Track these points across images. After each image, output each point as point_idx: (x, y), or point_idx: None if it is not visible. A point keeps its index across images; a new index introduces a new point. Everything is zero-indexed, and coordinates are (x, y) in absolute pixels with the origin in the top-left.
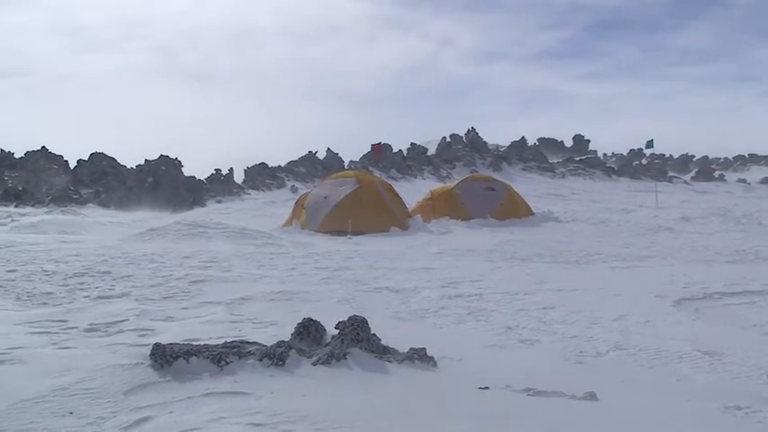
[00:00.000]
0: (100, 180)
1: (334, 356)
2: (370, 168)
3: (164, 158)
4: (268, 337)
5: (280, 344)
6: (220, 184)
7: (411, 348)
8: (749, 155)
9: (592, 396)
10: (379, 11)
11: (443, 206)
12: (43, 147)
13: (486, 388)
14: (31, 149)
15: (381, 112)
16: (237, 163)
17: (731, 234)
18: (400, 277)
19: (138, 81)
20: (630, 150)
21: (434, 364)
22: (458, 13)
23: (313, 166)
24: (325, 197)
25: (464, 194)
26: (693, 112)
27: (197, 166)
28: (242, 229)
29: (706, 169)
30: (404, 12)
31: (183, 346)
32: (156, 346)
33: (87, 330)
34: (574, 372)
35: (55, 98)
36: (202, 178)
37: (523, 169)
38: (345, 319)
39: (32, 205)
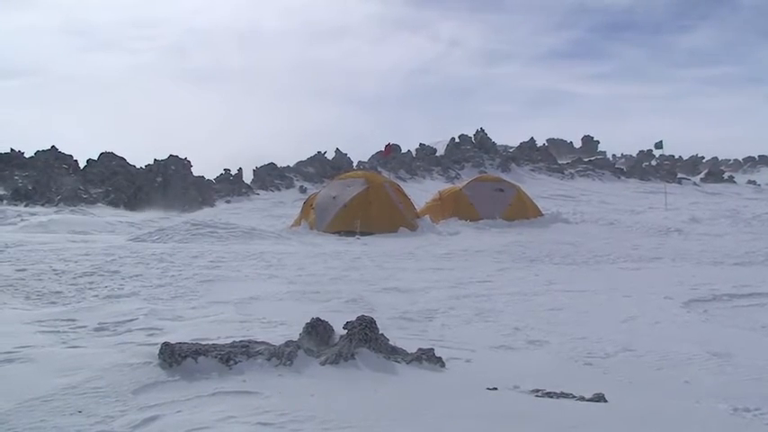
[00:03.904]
0: (109, 180)
1: (342, 356)
2: (379, 169)
3: (173, 158)
4: (276, 337)
5: (288, 344)
6: (229, 184)
7: (419, 349)
8: (759, 156)
9: (600, 397)
10: (387, 11)
11: (452, 207)
12: (53, 146)
13: (495, 389)
14: (40, 149)
15: (390, 113)
16: (246, 163)
17: (741, 236)
18: (408, 278)
19: (147, 81)
20: (640, 151)
21: (442, 365)
22: (466, 14)
23: (322, 167)
24: (334, 197)
25: (473, 195)
26: (703, 114)
27: (206, 166)
28: (251, 229)
29: (715, 171)
30: (412, 12)
31: (192, 346)
32: (165, 345)
33: (96, 329)
34: (582, 373)
35: (65, 98)
36: (211, 178)
37: (532, 170)
38: (354, 319)
39: (42, 205)
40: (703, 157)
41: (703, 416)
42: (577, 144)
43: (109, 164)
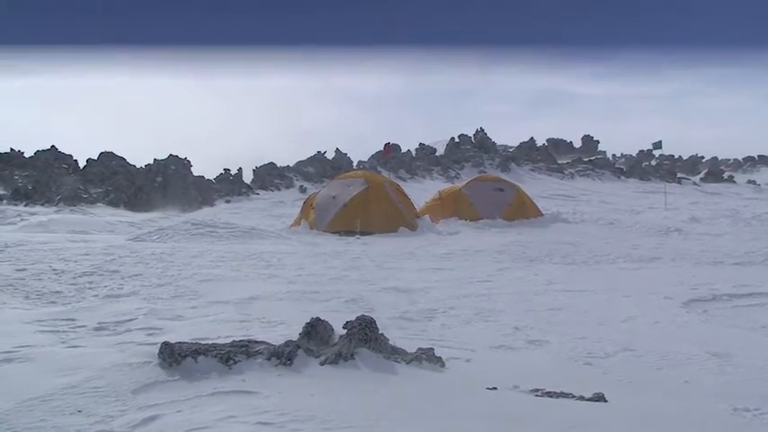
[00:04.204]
0: (109, 179)
1: (342, 356)
2: (379, 169)
3: (173, 158)
4: (276, 337)
5: (288, 343)
6: (229, 184)
7: (419, 348)
8: (759, 156)
9: (600, 397)
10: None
11: (452, 207)
12: (53, 146)
13: (495, 389)
14: (40, 149)
15: (390, 113)
16: (246, 163)
17: (741, 236)
18: (408, 277)
19: (147, 81)
20: (639, 151)
21: (442, 365)
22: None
23: (322, 167)
24: (334, 197)
25: (473, 195)
26: (703, 114)
27: (206, 166)
28: (251, 228)
29: (715, 170)
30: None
31: (192, 345)
32: (165, 344)
33: (96, 329)
34: (582, 373)
35: (65, 98)
36: (211, 178)
37: (532, 170)
38: (353, 318)
39: (42, 204)
40: (703, 157)
41: (703, 416)
42: (577, 144)
43: (109, 164)
